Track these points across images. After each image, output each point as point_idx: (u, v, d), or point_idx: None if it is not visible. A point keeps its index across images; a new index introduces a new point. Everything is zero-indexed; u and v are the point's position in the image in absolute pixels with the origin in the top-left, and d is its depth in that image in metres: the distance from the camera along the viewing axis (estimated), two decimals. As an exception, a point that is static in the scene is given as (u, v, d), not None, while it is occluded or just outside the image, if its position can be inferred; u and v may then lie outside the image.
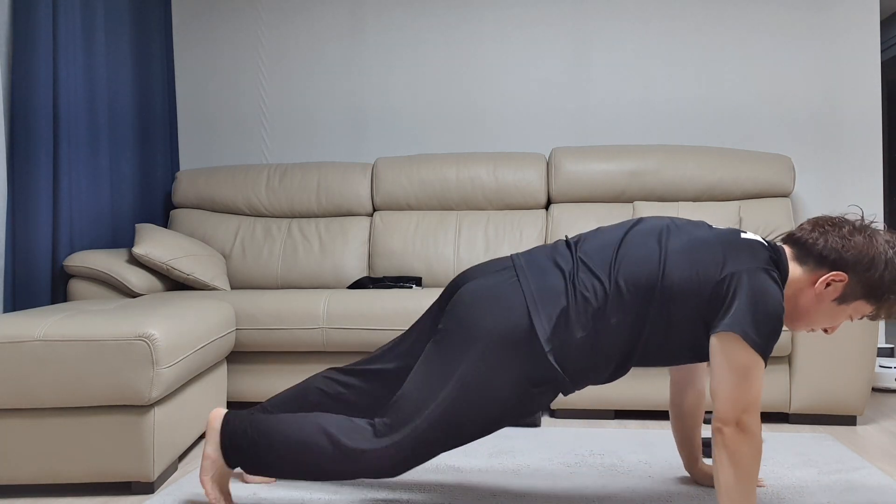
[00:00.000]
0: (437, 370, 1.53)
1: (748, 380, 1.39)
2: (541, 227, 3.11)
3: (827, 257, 1.48)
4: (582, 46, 3.41)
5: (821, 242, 1.49)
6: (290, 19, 3.58)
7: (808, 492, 1.80)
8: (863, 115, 3.25)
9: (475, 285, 1.57)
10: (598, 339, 1.49)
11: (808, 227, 1.54)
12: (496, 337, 1.49)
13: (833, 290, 1.49)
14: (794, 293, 1.52)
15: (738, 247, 1.48)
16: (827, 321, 1.54)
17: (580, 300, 1.49)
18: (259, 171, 3.34)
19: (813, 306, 1.52)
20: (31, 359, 1.77)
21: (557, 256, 1.57)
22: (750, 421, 1.38)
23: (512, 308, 1.50)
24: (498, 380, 1.50)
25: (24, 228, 2.56)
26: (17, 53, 2.56)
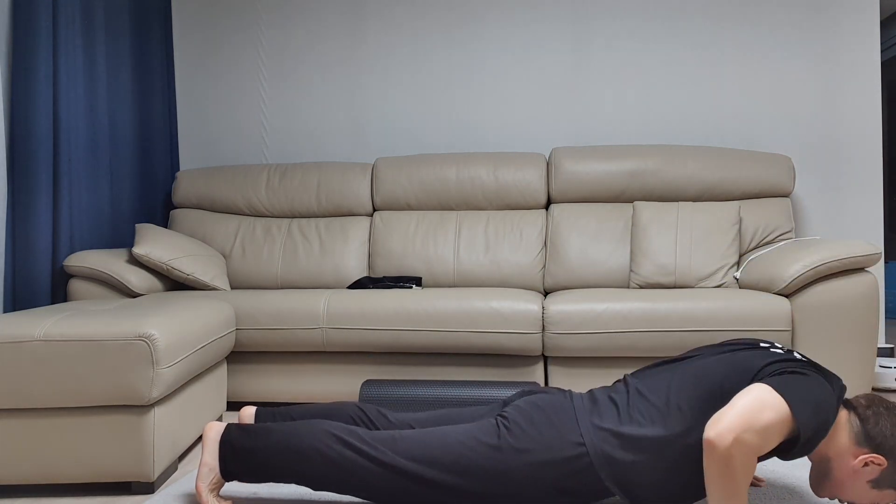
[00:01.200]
0: (485, 447, 1.54)
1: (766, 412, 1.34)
2: (541, 227, 3.11)
3: (874, 439, 1.47)
4: (582, 46, 3.41)
5: (872, 422, 1.49)
6: (290, 19, 3.58)
7: (808, 492, 1.80)
8: (863, 115, 3.25)
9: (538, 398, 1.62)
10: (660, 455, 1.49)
11: (864, 402, 1.53)
12: (550, 456, 1.52)
13: (869, 472, 1.48)
14: (834, 456, 1.51)
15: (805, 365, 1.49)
16: (853, 497, 1.52)
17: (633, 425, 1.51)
18: (259, 171, 3.34)
19: (846, 478, 1.50)
20: (31, 359, 1.77)
21: (611, 392, 1.62)
22: (750, 440, 1.33)
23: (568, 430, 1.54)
24: (535, 483, 1.52)
25: (24, 228, 2.56)
26: (17, 52, 2.56)
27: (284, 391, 2.65)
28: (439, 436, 1.58)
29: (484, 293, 2.59)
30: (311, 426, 1.63)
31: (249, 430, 1.67)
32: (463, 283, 3.04)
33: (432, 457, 1.54)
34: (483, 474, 1.52)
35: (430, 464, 1.54)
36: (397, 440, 1.58)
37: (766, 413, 1.34)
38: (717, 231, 2.85)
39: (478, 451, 1.53)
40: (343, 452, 1.58)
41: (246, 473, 1.65)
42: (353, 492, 1.59)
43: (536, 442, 1.52)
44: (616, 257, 2.97)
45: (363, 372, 2.62)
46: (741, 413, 1.34)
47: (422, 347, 2.54)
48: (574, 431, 1.52)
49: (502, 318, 2.50)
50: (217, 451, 1.67)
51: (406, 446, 1.56)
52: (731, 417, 1.33)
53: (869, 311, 2.39)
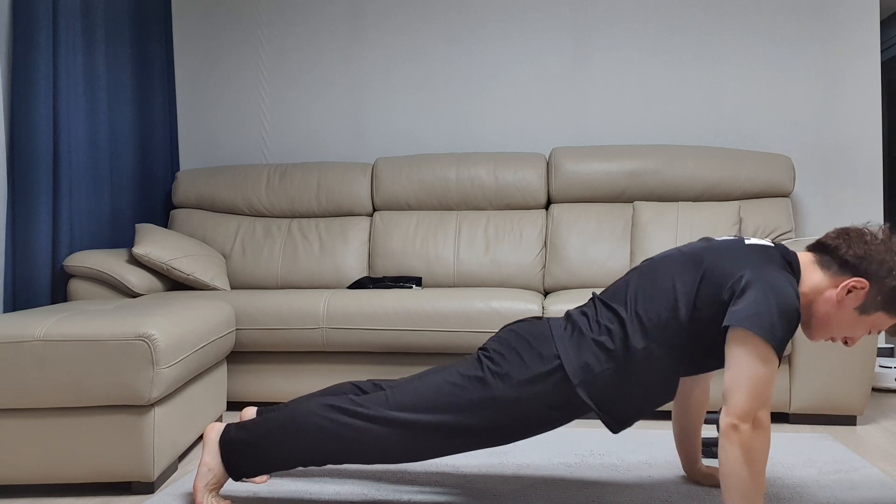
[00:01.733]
0: (470, 380, 1.57)
1: (765, 375, 1.38)
2: (541, 227, 3.11)
3: (849, 262, 1.49)
4: (582, 46, 3.41)
5: (843, 248, 1.50)
6: (290, 19, 3.58)
7: (808, 492, 1.80)
8: (863, 115, 3.25)
9: (516, 326, 1.67)
10: (628, 367, 1.53)
11: (833, 234, 1.55)
12: (529, 374, 1.55)
13: (854, 298, 1.49)
14: (813, 298, 1.53)
15: (747, 249, 1.51)
16: (846, 330, 1.53)
17: (603, 332, 1.55)
18: (259, 171, 3.34)
19: (833, 312, 1.51)
20: (31, 359, 1.77)
21: (583, 307, 1.66)
22: (764, 416, 1.37)
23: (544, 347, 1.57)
24: (523, 404, 1.55)
25: (24, 228, 2.56)
26: (17, 52, 2.56)
27: (284, 391, 2.65)
28: (427, 380, 1.61)
29: (484, 293, 2.59)
30: (304, 403, 1.65)
31: (248, 425, 1.69)
32: (463, 283, 3.05)
33: (424, 401, 1.57)
34: (475, 407, 1.55)
35: (424, 409, 1.57)
36: (388, 394, 1.61)
37: (766, 374, 1.37)
38: (717, 231, 2.85)
39: (465, 385, 1.57)
40: (339, 419, 1.59)
41: (251, 467, 1.66)
42: (357, 458, 1.61)
43: (517, 364, 1.56)
44: (616, 257, 2.97)
45: (363, 372, 2.62)
46: (750, 392, 1.37)
47: (422, 347, 2.54)
48: (549, 346, 1.56)
49: (502, 318, 2.50)
50: (217, 452, 1.68)
51: (398, 398, 1.59)
52: (743, 400, 1.36)
53: (869, 311, 2.39)
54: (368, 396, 1.62)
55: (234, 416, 2.63)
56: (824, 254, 1.54)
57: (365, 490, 1.85)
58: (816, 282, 1.52)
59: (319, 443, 1.60)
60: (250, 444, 1.65)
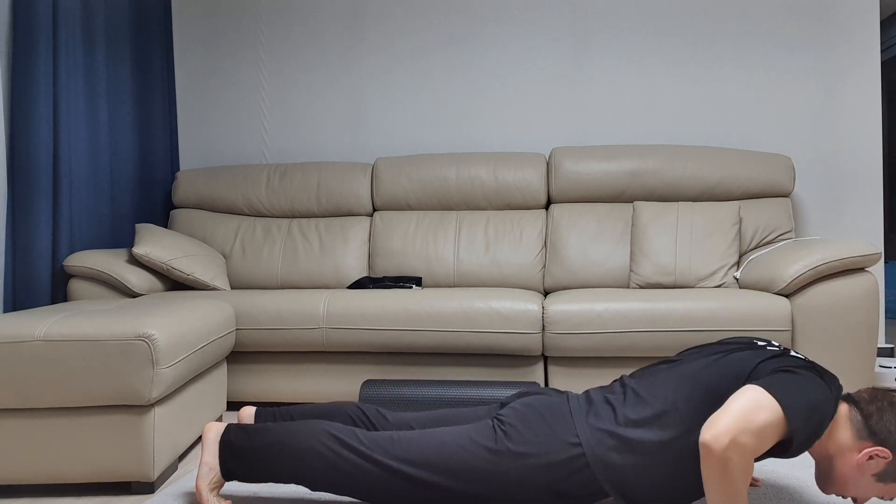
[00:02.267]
0: (480, 448, 1.54)
1: (760, 415, 1.33)
2: (541, 227, 3.11)
3: (878, 433, 1.47)
4: (582, 46, 3.41)
5: (875, 417, 1.48)
6: (290, 19, 3.58)
7: (808, 492, 1.80)
8: (863, 115, 3.25)
9: (533, 399, 1.63)
10: (657, 458, 1.49)
11: (867, 396, 1.52)
12: (545, 459, 1.52)
13: (874, 465, 1.48)
14: (837, 452, 1.50)
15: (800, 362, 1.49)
16: (859, 492, 1.52)
17: (631, 427, 1.51)
18: (259, 171, 3.34)
19: (850, 474, 1.50)
20: (31, 359, 1.77)
21: (608, 393, 1.61)
22: (746, 442, 1.31)
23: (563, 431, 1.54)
24: (532, 486, 1.52)
25: (24, 228, 2.57)
26: (17, 51, 2.56)
27: (284, 391, 2.65)
28: (436, 438, 1.58)
29: (484, 293, 2.59)
30: (309, 426, 1.64)
31: (249, 429, 1.67)
32: (463, 283, 3.05)
33: (429, 459, 1.55)
34: (479, 477, 1.53)
35: (426, 466, 1.54)
36: (395, 441, 1.58)
37: (762, 414, 1.33)
38: (717, 231, 2.85)
39: (474, 453, 1.53)
40: (340, 452, 1.58)
41: (245, 473, 1.66)
42: (349, 493, 1.59)
43: (533, 444, 1.52)
44: (616, 257, 2.97)
45: (363, 372, 2.62)
46: (736, 415, 1.33)
47: (422, 347, 2.54)
48: (570, 433, 1.52)
49: (502, 318, 2.50)
50: (217, 451, 1.68)
51: (403, 448, 1.57)
52: (727, 420, 1.32)
53: (869, 311, 2.39)
54: (374, 437, 1.60)
55: (234, 416, 2.63)
56: (857, 412, 1.51)
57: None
58: (844, 439, 1.50)
59: (316, 468, 1.59)
60: (249, 451, 1.64)
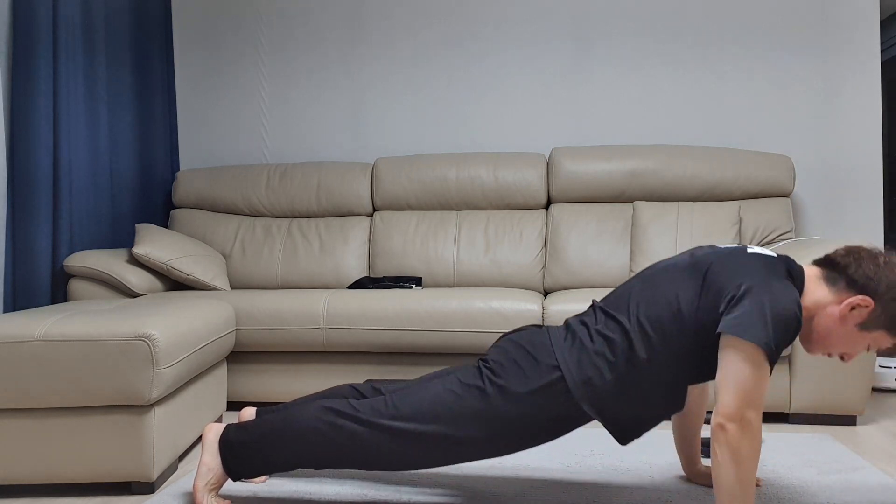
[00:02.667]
0: (469, 390, 1.57)
1: (753, 377, 1.37)
2: (541, 227, 3.11)
3: (857, 281, 1.49)
4: (582, 46, 3.41)
5: (853, 267, 1.50)
6: (291, 19, 3.58)
7: (807, 492, 1.81)
8: (863, 115, 3.25)
9: (515, 335, 1.66)
10: (631, 377, 1.52)
11: (842, 251, 1.55)
12: (529, 386, 1.54)
13: (857, 315, 1.49)
14: (815, 312, 1.53)
15: (748, 258, 1.51)
16: (845, 346, 1.54)
17: (604, 343, 1.54)
18: (259, 171, 3.34)
19: (834, 327, 1.52)
20: (31, 359, 1.77)
21: (582, 316, 1.65)
22: (753, 418, 1.37)
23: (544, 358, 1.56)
24: (524, 417, 1.55)
25: (24, 228, 2.56)
26: (17, 50, 2.56)
27: (284, 391, 2.65)
28: (426, 389, 1.60)
29: (484, 293, 2.59)
30: (304, 407, 1.65)
31: (247, 425, 1.69)
32: (463, 283, 3.05)
33: (422, 410, 1.56)
34: (474, 418, 1.55)
35: (421, 418, 1.56)
36: (388, 402, 1.60)
37: (755, 376, 1.37)
38: (717, 231, 2.85)
39: (465, 396, 1.56)
40: (336, 422, 1.59)
41: (250, 468, 1.66)
42: (353, 463, 1.60)
43: (516, 375, 1.55)
44: (616, 257, 2.97)
45: (363, 372, 2.62)
46: (737, 392, 1.37)
47: (422, 347, 2.54)
48: (549, 357, 1.56)
49: (502, 318, 2.50)
50: (217, 452, 1.68)
51: (396, 405, 1.58)
52: (731, 401, 1.36)
53: (869, 312, 2.39)
54: (367, 402, 1.61)
55: (234, 416, 2.63)
56: (832, 269, 1.54)
57: (365, 490, 1.85)
58: (820, 297, 1.53)
59: (317, 446, 1.60)
60: (249, 445, 1.65)
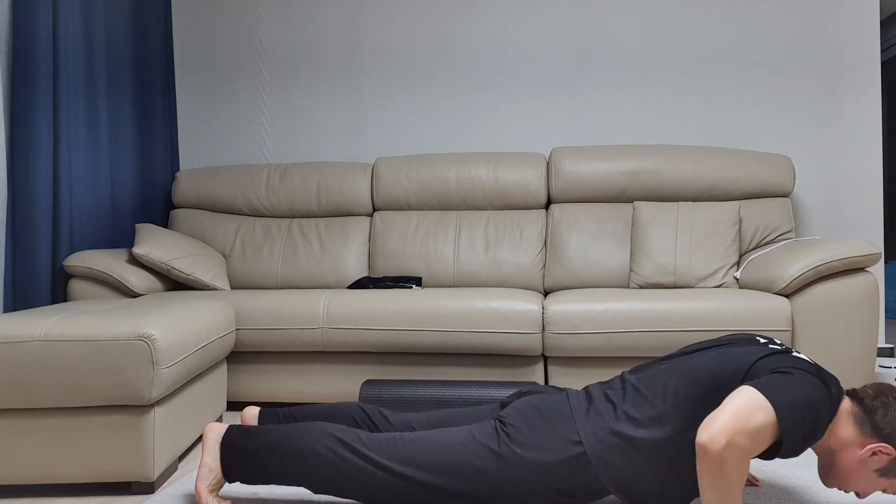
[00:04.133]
0: (483, 448, 1.55)
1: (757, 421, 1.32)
2: (541, 227, 3.11)
3: (882, 429, 1.47)
4: (582, 46, 3.41)
5: (880, 413, 1.48)
6: (290, 18, 3.58)
7: (808, 492, 1.80)
8: (862, 115, 3.25)
9: (534, 399, 1.63)
10: (659, 460, 1.49)
11: (871, 392, 1.52)
12: (547, 458, 1.52)
13: (878, 461, 1.48)
14: (839, 448, 1.50)
15: (797, 358, 1.48)
16: (861, 487, 1.52)
17: (633, 425, 1.51)
18: (259, 171, 3.34)
19: (854, 468, 1.50)
20: (31, 359, 1.77)
21: (606, 388, 1.62)
22: (742, 444, 1.30)
23: (565, 431, 1.54)
24: (535, 485, 1.52)
25: (24, 228, 2.56)
26: (17, 45, 2.56)
27: (284, 391, 2.65)
28: (439, 439, 1.58)
29: (484, 293, 2.59)
30: (311, 428, 1.63)
31: (250, 431, 1.67)
32: (463, 283, 3.05)
33: (432, 461, 1.55)
34: (483, 478, 1.53)
35: (429, 468, 1.54)
36: (398, 443, 1.58)
37: (758, 415, 1.32)
38: (717, 231, 2.85)
39: (478, 454, 1.54)
40: (343, 455, 1.58)
41: (247, 475, 1.65)
42: (352, 495, 1.59)
43: (535, 444, 1.52)
44: (616, 257, 2.97)
45: (363, 372, 2.62)
46: (732, 415, 1.32)
47: (422, 347, 2.54)
48: (572, 431, 1.52)
49: (502, 318, 2.50)
50: (218, 453, 1.67)
51: (406, 449, 1.57)
52: (723, 420, 1.32)
53: (869, 311, 2.39)
54: (377, 439, 1.59)
55: (234, 416, 2.63)
56: (860, 409, 1.51)
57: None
58: (847, 435, 1.50)
59: (319, 472, 1.59)
60: (251, 453, 1.64)
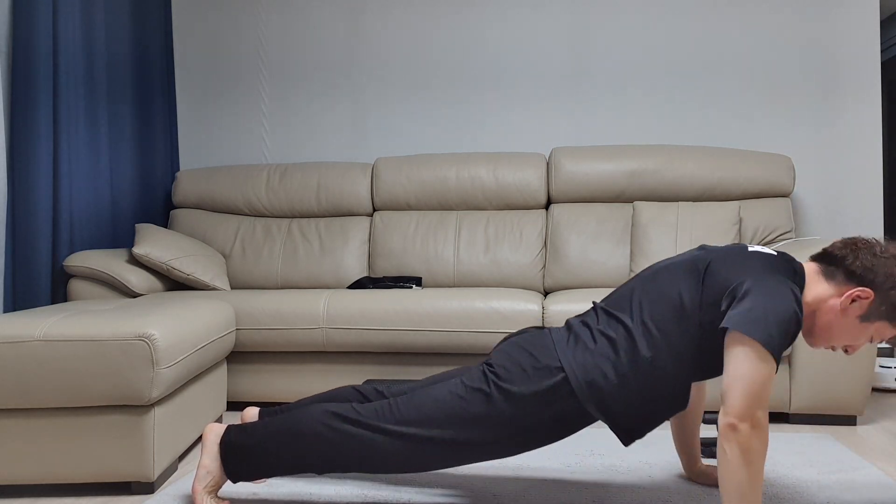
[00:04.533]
0: (474, 393, 1.57)
1: (761, 376, 1.37)
2: (541, 227, 3.11)
3: (855, 272, 1.49)
4: (582, 45, 3.41)
5: (850, 258, 1.51)
6: (291, 18, 3.58)
7: (808, 492, 1.80)
8: (863, 115, 3.25)
9: (517, 338, 1.66)
10: (635, 377, 1.52)
11: (839, 244, 1.56)
12: (533, 389, 1.54)
13: (858, 307, 1.50)
14: (817, 307, 1.53)
15: (748, 256, 1.51)
16: (848, 338, 1.54)
17: (607, 344, 1.54)
18: (259, 171, 3.34)
19: (835, 321, 1.52)
20: (31, 359, 1.77)
21: (583, 317, 1.65)
22: (762, 416, 1.37)
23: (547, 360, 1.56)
24: (528, 419, 1.54)
25: (24, 228, 2.56)
26: (16, 34, 2.56)
27: (284, 391, 2.65)
28: (431, 393, 1.60)
29: (484, 293, 2.59)
30: (306, 411, 1.64)
31: (248, 427, 1.68)
32: (463, 283, 3.05)
33: (427, 414, 1.56)
34: (479, 421, 1.55)
35: (426, 422, 1.56)
36: (392, 406, 1.60)
37: (762, 375, 1.37)
38: (717, 231, 2.85)
39: (469, 399, 1.56)
40: (340, 427, 1.59)
41: (250, 471, 1.65)
42: (357, 467, 1.60)
43: (520, 378, 1.55)
44: (616, 257, 2.97)
45: (363, 372, 2.62)
46: (746, 392, 1.36)
47: (422, 347, 2.54)
48: (553, 359, 1.55)
49: (502, 318, 2.50)
50: (216, 454, 1.67)
51: (401, 410, 1.58)
52: (741, 401, 1.36)
53: (869, 311, 2.39)
54: (371, 406, 1.61)
55: (234, 416, 2.63)
56: (829, 264, 1.54)
57: (364, 491, 1.85)
58: (820, 291, 1.53)
59: (319, 450, 1.59)
60: (250, 448, 1.64)
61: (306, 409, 1.65)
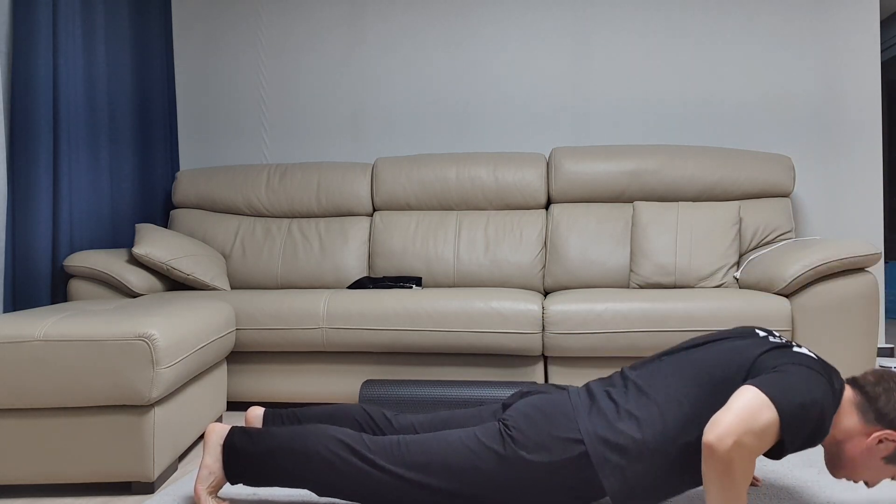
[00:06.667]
0: (488, 451, 1.54)
1: (763, 421, 1.32)
2: (541, 227, 3.11)
3: (886, 416, 1.46)
4: (582, 46, 3.41)
5: (883, 400, 1.48)
6: (290, 19, 3.58)
7: (807, 492, 1.80)
8: (863, 115, 3.25)
9: (536, 399, 1.62)
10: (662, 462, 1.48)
11: (872, 379, 1.52)
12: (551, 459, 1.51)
13: (884, 448, 1.47)
14: (845, 438, 1.50)
15: (797, 354, 1.48)
16: (869, 476, 1.51)
17: (634, 424, 1.50)
18: (259, 171, 3.34)
19: (860, 458, 1.49)
20: (31, 359, 1.77)
21: (607, 385, 1.61)
22: (748, 444, 1.31)
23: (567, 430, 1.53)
24: (540, 486, 1.52)
25: (24, 228, 2.56)
26: (17, 53, 2.56)
27: (284, 391, 2.65)
28: (443, 441, 1.57)
29: (484, 293, 2.59)
30: (315, 431, 1.63)
31: (253, 434, 1.67)
32: (463, 283, 3.05)
33: (437, 464, 1.54)
34: (488, 479, 1.52)
35: (434, 471, 1.54)
36: (402, 446, 1.58)
37: (764, 413, 1.32)
38: (717, 231, 2.85)
39: (483, 457, 1.53)
40: (348, 459, 1.57)
41: (250, 477, 1.65)
42: (356, 498, 1.59)
43: (538, 445, 1.52)
44: (616, 257, 2.97)
45: (363, 372, 2.62)
46: (739, 415, 1.32)
47: (422, 347, 2.54)
48: (573, 430, 1.52)
49: (502, 318, 2.50)
50: (219, 454, 1.67)
51: (411, 453, 1.56)
52: (730, 420, 1.32)
53: (869, 311, 2.39)
54: (381, 443, 1.59)
55: (234, 416, 2.63)
56: (862, 397, 1.50)
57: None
58: (851, 425, 1.49)
59: (323, 474, 1.58)
60: (253, 456, 1.63)
61: (315, 429, 1.64)
